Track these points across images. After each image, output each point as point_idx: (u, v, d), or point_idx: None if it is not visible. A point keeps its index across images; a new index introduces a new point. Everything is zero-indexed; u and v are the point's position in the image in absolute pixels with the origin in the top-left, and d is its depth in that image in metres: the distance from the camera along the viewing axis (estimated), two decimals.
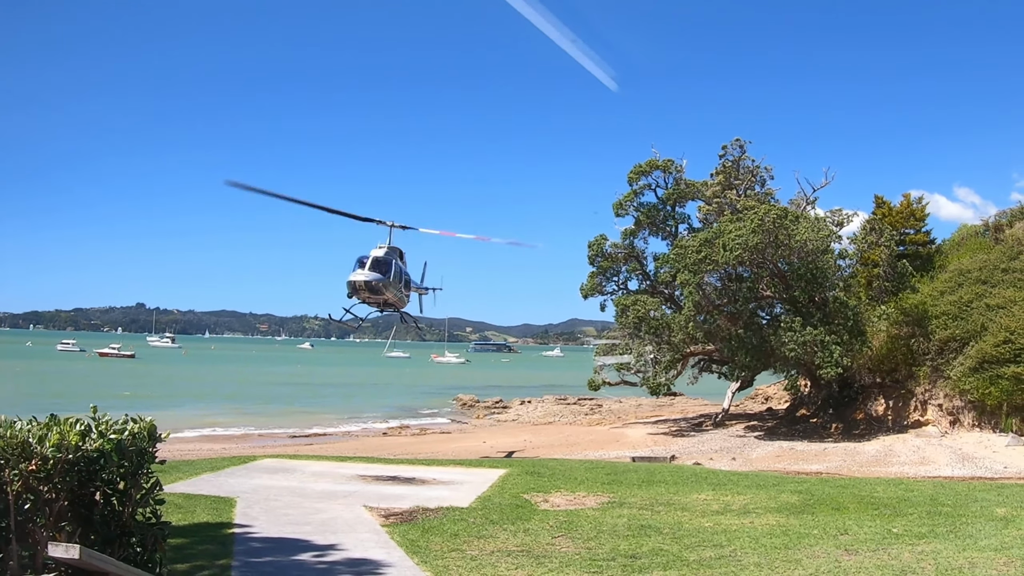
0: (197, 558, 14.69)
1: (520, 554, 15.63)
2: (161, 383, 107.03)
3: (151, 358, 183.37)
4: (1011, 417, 41.78)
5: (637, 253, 62.09)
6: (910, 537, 16.70)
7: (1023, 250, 49.12)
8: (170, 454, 15.91)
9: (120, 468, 9.30)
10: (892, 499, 22.25)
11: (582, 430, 61.55)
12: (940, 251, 58.01)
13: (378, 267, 40.36)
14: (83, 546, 7.27)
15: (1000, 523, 18.11)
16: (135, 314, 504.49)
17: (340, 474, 27.27)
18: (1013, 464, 36.26)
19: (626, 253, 61.72)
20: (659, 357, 53.90)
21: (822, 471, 35.51)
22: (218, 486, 23.43)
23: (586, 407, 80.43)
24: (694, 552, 15.69)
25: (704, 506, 21.60)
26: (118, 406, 13.52)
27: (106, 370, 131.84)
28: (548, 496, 23.34)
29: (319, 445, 50.25)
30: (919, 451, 40.44)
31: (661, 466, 35.18)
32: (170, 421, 50.29)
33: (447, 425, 69.34)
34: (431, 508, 20.56)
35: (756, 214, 47.25)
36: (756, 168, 61.50)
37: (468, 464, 32.36)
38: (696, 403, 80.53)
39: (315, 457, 34.08)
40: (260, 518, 18.88)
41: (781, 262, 48.51)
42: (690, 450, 45.05)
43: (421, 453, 42.60)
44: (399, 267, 41.59)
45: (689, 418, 65.15)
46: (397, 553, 15.68)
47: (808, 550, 15.60)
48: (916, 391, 47.89)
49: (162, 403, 74.52)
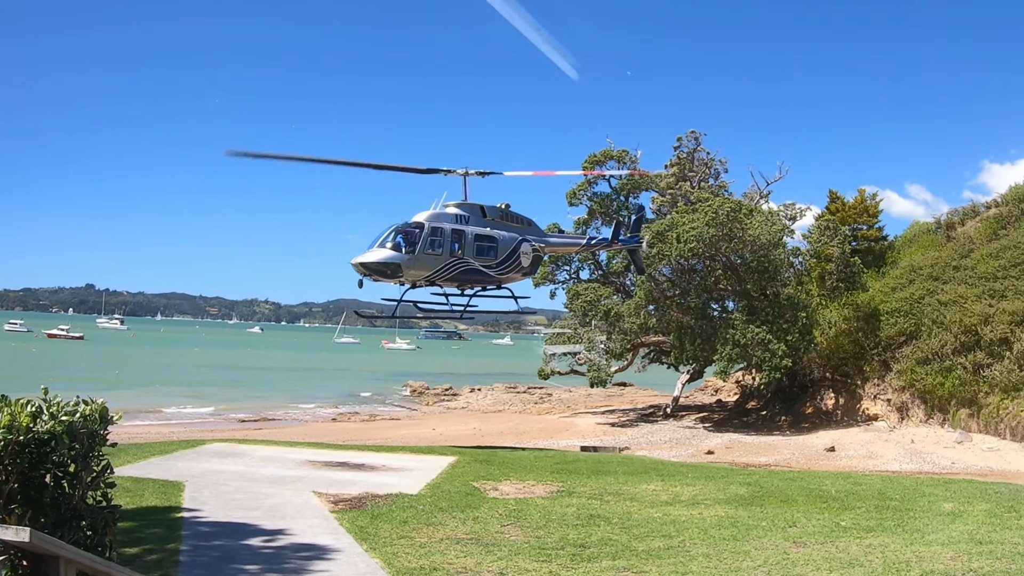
0: (146, 542, 14.62)
1: (469, 542, 15.64)
2: (110, 365, 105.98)
3: (100, 340, 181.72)
4: (960, 411, 42.17)
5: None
6: (858, 530, 16.83)
7: (974, 248, 49.57)
8: (119, 437, 15.77)
9: (71, 450, 9.20)
10: (841, 492, 22.43)
11: (532, 419, 61.65)
12: (892, 247, 58.42)
13: (398, 241, 31.63)
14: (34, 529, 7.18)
15: (948, 518, 18.28)
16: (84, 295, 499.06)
17: (289, 459, 27.19)
18: (961, 459, 36.64)
19: None
20: (610, 346, 54.05)
21: (771, 463, 35.78)
22: (167, 470, 23.31)
23: (536, 396, 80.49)
24: (643, 542, 15.75)
25: (653, 497, 21.70)
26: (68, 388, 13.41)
27: (55, 352, 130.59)
28: (497, 484, 23.38)
29: (268, 430, 50.02)
30: (868, 445, 40.81)
31: (611, 456, 35.43)
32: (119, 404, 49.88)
33: (397, 412, 69.24)
34: (380, 495, 20.56)
35: (710, 207, 47.48)
36: (711, 160, 61.88)
37: (418, 451, 32.43)
38: (646, 393, 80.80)
39: (264, 442, 33.94)
40: (209, 502, 18.80)
41: (734, 255, 48.78)
42: (640, 440, 45.26)
43: (371, 439, 42.51)
44: (449, 233, 32.18)
45: (639, 408, 65.38)
46: (346, 539, 15.66)
47: (757, 542, 15.69)
48: (866, 386, 48.34)
49: (111, 385, 73.66)
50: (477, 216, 33.67)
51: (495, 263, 33.63)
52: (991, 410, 40.88)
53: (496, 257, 33.61)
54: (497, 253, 33.66)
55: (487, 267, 33.42)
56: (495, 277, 34.03)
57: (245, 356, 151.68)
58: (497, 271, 33.83)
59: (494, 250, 33.59)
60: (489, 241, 33.53)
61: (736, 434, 47.10)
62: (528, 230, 35.68)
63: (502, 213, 34.73)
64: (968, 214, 56.97)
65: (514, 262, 34.23)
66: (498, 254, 33.67)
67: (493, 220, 34.11)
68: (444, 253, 32.02)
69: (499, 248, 33.80)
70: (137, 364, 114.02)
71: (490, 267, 33.50)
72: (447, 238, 32.12)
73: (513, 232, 34.65)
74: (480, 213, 33.87)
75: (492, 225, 33.96)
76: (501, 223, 34.39)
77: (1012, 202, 52.57)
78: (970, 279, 46.49)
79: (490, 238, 33.57)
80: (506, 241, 34.07)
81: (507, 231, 34.40)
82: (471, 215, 33.42)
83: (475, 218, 33.51)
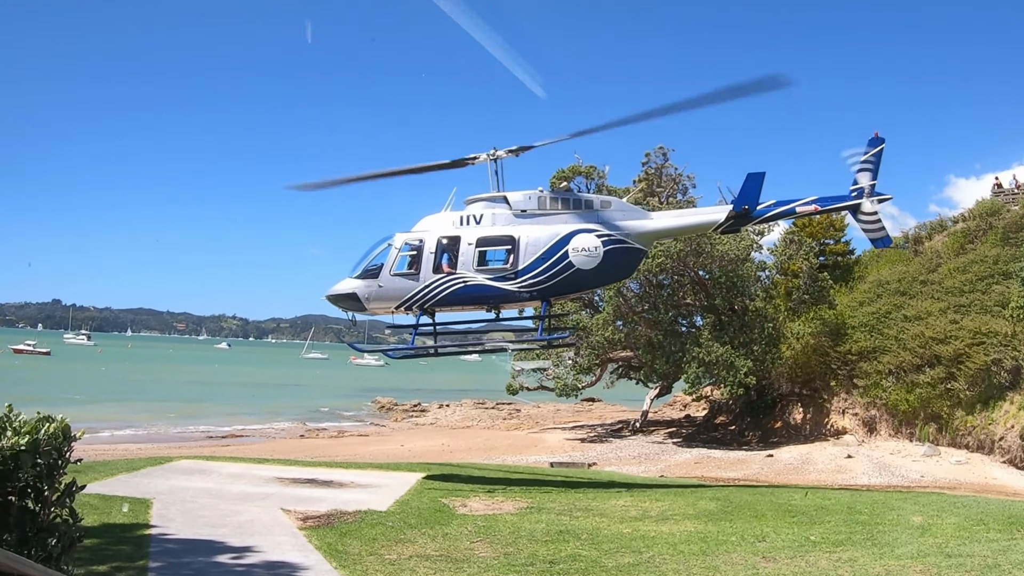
0: (114, 559, 14.48)
1: (439, 559, 15.58)
2: (77, 381, 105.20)
3: (67, 356, 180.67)
4: (927, 426, 42.42)
5: None
6: (827, 545, 16.85)
7: (941, 262, 49.90)
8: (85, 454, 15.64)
9: (35, 468, 9.12)
10: (810, 507, 22.49)
11: (500, 434, 61.65)
12: (859, 262, 58.81)
13: (365, 265, 27.22)
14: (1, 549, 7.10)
15: (916, 531, 18.34)
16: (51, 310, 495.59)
17: (257, 476, 27.00)
18: (929, 473, 36.87)
19: None
20: (578, 361, 54.11)
21: (740, 478, 35.85)
22: (134, 487, 23.09)
23: (504, 411, 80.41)
24: (612, 558, 15.72)
25: (623, 512, 21.67)
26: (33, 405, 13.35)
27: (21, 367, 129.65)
28: (466, 501, 23.32)
29: (236, 446, 49.86)
30: (836, 459, 41.04)
31: (580, 472, 35.37)
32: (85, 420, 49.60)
33: (365, 428, 69.06)
34: (349, 511, 20.44)
35: None
36: (679, 176, 61.90)
37: (386, 467, 32.25)
38: (614, 409, 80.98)
39: (232, 458, 33.75)
40: (177, 519, 18.65)
41: (702, 270, 48.97)
42: (609, 456, 45.31)
43: (339, 456, 42.43)
44: (434, 246, 26.58)
45: (608, 424, 65.43)
46: (315, 556, 15.57)
47: (726, 556, 15.69)
48: (834, 400, 48.60)
49: (78, 402, 73.43)
50: (500, 210, 27.11)
51: (513, 272, 26.32)
52: (958, 424, 41.18)
53: (515, 264, 26.35)
54: (516, 258, 26.39)
55: (498, 279, 26.40)
56: (515, 292, 26.44)
57: (213, 372, 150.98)
58: (518, 283, 26.33)
59: (510, 254, 26.51)
60: (501, 244, 26.72)
61: (705, 449, 47.26)
62: (590, 215, 27.09)
63: (541, 199, 27.17)
64: (936, 228, 57.48)
65: (555, 265, 26.31)
66: (518, 258, 26.35)
67: (524, 211, 26.95)
68: (424, 271, 26.39)
69: (518, 250, 26.41)
70: (106, 380, 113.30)
71: (504, 278, 26.36)
72: (428, 252, 26.51)
73: (556, 223, 26.76)
74: (505, 205, 27.12)
75: (524, 218, 26.84)
76: (539, 213, 26.97)
77: (979, 216, 52.96)
78: (937, 293, 46.86)
79: (503, 239, 26.69)
80: (536, 239, 26.46)
81: (544, 224, 26.77)
82: (487, 212, 27.10)
83: (494, 215, 27.04)
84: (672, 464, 41.89)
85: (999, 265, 46.42)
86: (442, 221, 27.05)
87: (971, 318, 43.49)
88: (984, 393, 41.03)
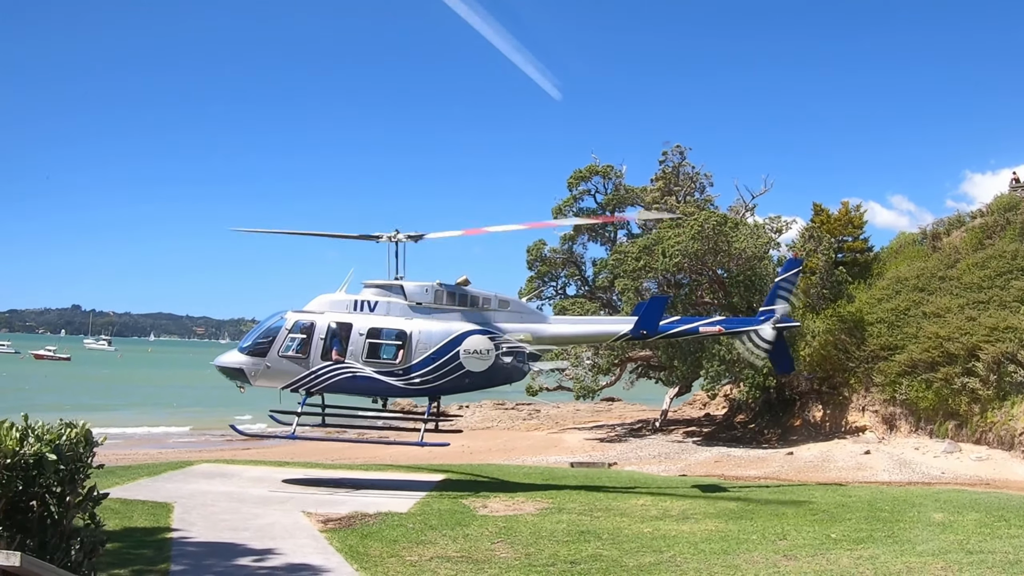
0: (135, 563, 14.56)
1: (460, 560, 15.61)
2: (98, 386, 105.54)
3: (87, 361, 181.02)
4: (946, 422, 42.22)
5: (576, 258, 61.95)
6: (848, 542, 16.83)
7: (960, 258, 49.65)
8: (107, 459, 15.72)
9: (58, 473, 9.18)
10: (830, 504, 22.45)
11: (520, 435, 61.48)
12: (878, 259, 58.52)
13: (257, 341, 27.05)
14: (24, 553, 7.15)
15: (937, 528, 18.29)
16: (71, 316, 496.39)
17: (278, 479, 27.09)
18: (950, 469, 36.71)
19: (564, 258, 61.55)
20: (597, 361, 54.01)
21: (760, 476, 35.74)
22: (155, 491, 23.20)
23: (524, 412, 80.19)
24: (633, 558, 15.73)
25: (643, 512, 21.67)
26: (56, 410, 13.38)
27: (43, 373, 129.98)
28: (487, 502, 23.34)
29: (256, 450, 49.82)
30: (856, 456, 40.84)
31: (600, 472, 35.30)
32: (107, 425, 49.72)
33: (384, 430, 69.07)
34: (370, 513, 20.49)
35: (696, 220, 47.52)
36: (696, 174, 61.82)
37: (406, 469, 32.31)
38: (634, 408, 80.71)
39: (253, 462, 33.88)
40: (198, 523, 18.72)
41: (720, 269, 48.88)
42: (628, 455, 45.18)
43: (359, 458, 42.37)
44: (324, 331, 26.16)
45: (627, 423, 65.23)
46: (336, 558, 15.63)
47: (747, 555, 15.68)
48: (853, 397, 48.36)
49: (100, 407, 73.54)
50: (395, 300, 26.91)
51: (401, 368, 26.10)
52: (977, 420, 40.95)
53: (405, 360, 26.13)
54: (407, 354, 26.11)
55: (386, 373, 26.11)
56: (402, 388, 26.49)
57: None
58: (406, 379, 26.18)
59: (400, 349, 26.18)
60: (391, 338, 26.36)
61: (725, 447, 47.06)
62: (486, 315, 27.33)
63: (438, 293, 27.04)
64: (953, 224, 57.14)
65: (445, 365, 26.29)
66: (409, 355, 26.11)
67: (419, 304, 26.78)
68: (313, 356, 26.12)
69: (409, 347, 26.12)
70: (126, 384, 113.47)
71: (392, 373, 26.10)
72: (319, 337, 26.13)
73: (451, 320, 26.77)
74: (400, 295, 26.92)
75: (419, 311, 26.68)
76: (434, 307, 26.88)
77: (997, 211, 52.69)
78: (956, 289, 46.51)
79: (395, 333, 26.35)
80: (428, 336, 26.25)
81: (439, 320, 26.69)
82: (382, 299, 26.89)
83: (389, 304, 26.86)
84: (692, 463, 41.78)
85: (1018, 260, 46.10)
86: (336, 303, 26.81)
87: (990, 314, 43.16)
88: (1004, 389, 40.79)
